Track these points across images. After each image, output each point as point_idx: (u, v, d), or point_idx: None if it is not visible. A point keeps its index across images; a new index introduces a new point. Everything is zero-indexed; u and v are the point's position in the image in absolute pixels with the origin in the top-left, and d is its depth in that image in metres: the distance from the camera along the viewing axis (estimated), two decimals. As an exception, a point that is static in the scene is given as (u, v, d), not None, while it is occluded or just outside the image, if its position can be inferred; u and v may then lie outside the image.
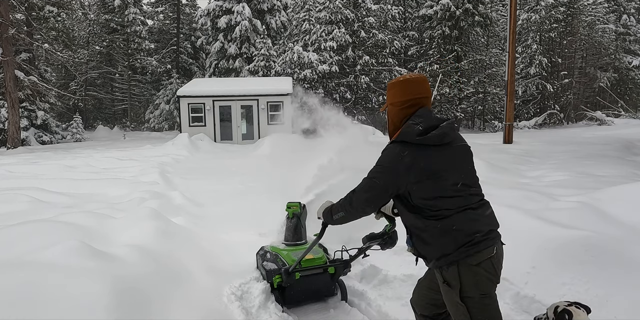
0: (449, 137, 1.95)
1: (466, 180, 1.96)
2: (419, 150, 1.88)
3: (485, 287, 1.89)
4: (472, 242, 1.87)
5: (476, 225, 1.91)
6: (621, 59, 32.20)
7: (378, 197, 1.99)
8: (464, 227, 1.88)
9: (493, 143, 13.79)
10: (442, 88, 24.92)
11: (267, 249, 3.53)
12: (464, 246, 1.86)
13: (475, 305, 1.89)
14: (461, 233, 1.88)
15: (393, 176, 1.91)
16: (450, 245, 1.88)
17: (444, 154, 1.92)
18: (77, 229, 3.36)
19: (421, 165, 1.87)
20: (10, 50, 18.63)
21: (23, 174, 8.76)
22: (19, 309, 2.04)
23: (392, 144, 1.98)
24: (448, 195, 1.89)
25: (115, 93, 35.31)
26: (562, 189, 5.02)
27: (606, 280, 2.71)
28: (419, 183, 1.88)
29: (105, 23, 32.02)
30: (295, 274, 3.18)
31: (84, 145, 19.39)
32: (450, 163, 1.93)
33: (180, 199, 6.53)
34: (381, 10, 26.41)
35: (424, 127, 1.91)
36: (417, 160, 1.87)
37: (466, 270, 1.87)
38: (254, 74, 25.89)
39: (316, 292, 3.41)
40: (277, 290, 3.26)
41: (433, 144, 1.89)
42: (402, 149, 1.90)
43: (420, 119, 1.95)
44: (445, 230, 1.89)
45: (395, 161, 1.90)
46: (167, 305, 2.67)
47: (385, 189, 1.95)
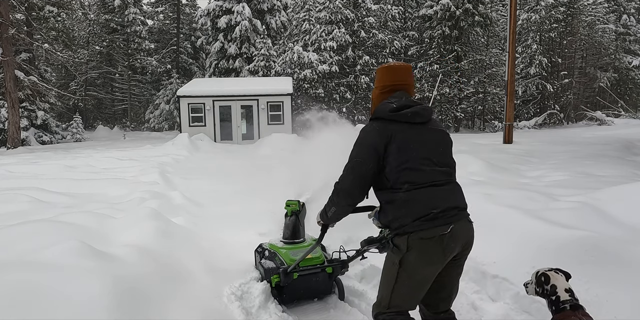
0: (422, 117, 2.08)
1: (435, 159, 2.05)
2: (392, 124, 2.04)
3: (428, 261, 1.97)
4: (428, 217, 1.94)
5: (435, 202, 1.97)
6: (621, 59, 32.20)
7: (362, 175, 2.06)
8: (423, 201, 1.96)
9: (493, 143, 13.79)
10: (442, 88, 24.92)
11: (265, 246, 3.55)
12: (419, 219, 1.95)
13: (405, 275, 1.99)
14: (419, 207, 1.96)
15: (370, 150, 2.02)
16: (408, 217, 1.97)
17: (416, 132, 2.05)
18: (77, 229, 3.36)
19: (393, 138, 2.00)
20: (10, 50, 18.63)
21: (23, 174, 8.76)
22: (19, 309, 2.04)
23: (369, 122, 2.14)
24: (415, 168, 1.99)
25: (115, 93, 35.32)
26: (562, 189, 5.01)
27: (606, 280, 2.71)
28: (391, 154, 2.00)
29: (105, 23, 32.03)
30: (294, 273, 3.19)
31: (84, 145, 19.39)
32: (420, 140, 2.05)
33: (180, 199, 6.53)
34: (381, 10, 26.41)
35: (397, 105, 2.06)
36: (389, 133, 2.01)
37: (415, 242, 1.96)
38: (254, 74, 25.88)
39: (314, 291, 3.44)
40: (275, 288, 3.29)
41: (405, 121, 2.04)
42: (377, 124, 2.07)
43: (395, 99, 2.10)
44: (406, 202, 1.98)
45: (371, 136, 2.05)
46: (167, 305, 2.67)
47: (367, 165, 2.03)
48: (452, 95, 26.11)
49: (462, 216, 2.06)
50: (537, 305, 2.82)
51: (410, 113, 2.04)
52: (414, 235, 1.96)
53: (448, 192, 2.05)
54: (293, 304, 3.40)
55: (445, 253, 1.98)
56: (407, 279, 2.00)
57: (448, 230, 1.95)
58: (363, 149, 2.06)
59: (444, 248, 1.96)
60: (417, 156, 2.01)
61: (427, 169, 2.01)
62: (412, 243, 1.96)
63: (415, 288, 2.03)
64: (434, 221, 1.95)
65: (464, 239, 2.05)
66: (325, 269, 3.31)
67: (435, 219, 1.95)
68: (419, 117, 2.07)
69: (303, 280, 3.25)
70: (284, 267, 3.19)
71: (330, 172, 2.50)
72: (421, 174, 2.00)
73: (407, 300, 2.07)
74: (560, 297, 2.00)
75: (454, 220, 1.99)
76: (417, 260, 1.97)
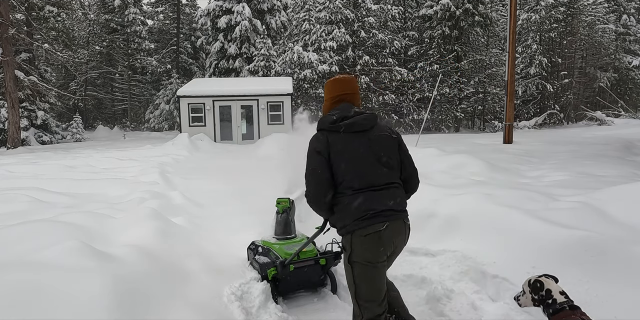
0: (361, 126, 2.27)
1: (374, 164, 2.25)
2: (331, 134, 2.26)
3: (369, 255, 2.19)
4: (365, 217, 2.17)
5: (372, 204, 2.18)
6: (621, 59, 32.20)
7: (320, 182, 2.25)
8: (361, 204, 2.18)
9: (493, 143, 13.79)
10: (442, 88, 24.91)
11: (258, 243, 3.70)
12: (358, 219, 2.18)
13: (358, 269, 2.22)
14: (358, 209, 2.18)
15: (319, 158, 2.24)
16: (348, 218, 2.21)
17: (355, 141, 2.25)
18: (77, 229, 3.36)
19: (333, 147, 2.23)
20: (10, 50, 18.63)
21: (23, 174, 8.76)
22: (19, 309, 2.04)
23: (314, 134, 2.35)
24: (354, 174, 2.21)
25: (115, 93, 35.32)
26: (562, 189, 5.01)
27: (606, 280, 2.71)
28: (334, 162, 2.22)
29: (105, 23, 32.03)
30: (290, 266, 3.33)
31: (84, 145, 19.39)
32: (359, 148, 2.24)
33: (180, 199, 6.53)
34: (381, 10, 26.40)
35: (337, 117, 2.28)
36: (329, 142, 2.24)
37: (356, 239, 2.19)
38: (254, 74, 25.88)
39: (308, 283, 3.58)
40: (271, 282, 3.38)
41: (344, 131, 2.25)
42: (320, 135, 2.30)
43: (337, 111, 2.34)
44: (347, 205, 2.21)
45: (316, 146, 2.27)
46: (167, 305, 2.67)
47: (322, 170, 2.23)
48: (452, 95, 26.11)
49: (397, 217, 2.25)
50: (537, 305, 2.82)
51: (348, 124, 2.25)
52: (355, 234, 2.19)
53: (385, 196, 2.23)
54: (290, 298, 3.50)
55: (384, 246, 2.20)
56: (361, 276, 2.22)
57: (383, 227, 2.17)
58: (313, 158, 2.27)
59: (382, 242, 2.18)
60: (355, 164, 2.22)
61: (366, 175, 2.22)
62: (355, 240, 2.20)
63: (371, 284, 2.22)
64: (371, 219, 2.16)
65: (398, 236, 2.26)
66: (319, 261, 3.45)
67: (372, 218, 2.16)
68: (358, 126, 2.26)
69: (298, 272, 3.39)
70: (281, 260, 3.30)
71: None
72: (361, 179, 2.21)
73: (373, 299, 2.24)
74: (557, 299, 2.08)
75: (390, 219, 2.20)
76: (362, 255, 2.19)
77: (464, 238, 3.83)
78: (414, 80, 26.64)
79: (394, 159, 2.33)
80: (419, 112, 26.32)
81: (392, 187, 2.28)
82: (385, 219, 2.18)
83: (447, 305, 3.08)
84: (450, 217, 4.23)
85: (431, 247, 3.95)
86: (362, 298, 2.24)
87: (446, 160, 7.64)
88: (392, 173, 2.31)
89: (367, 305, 2.24)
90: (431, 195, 4.95)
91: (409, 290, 3.36)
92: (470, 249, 3.63)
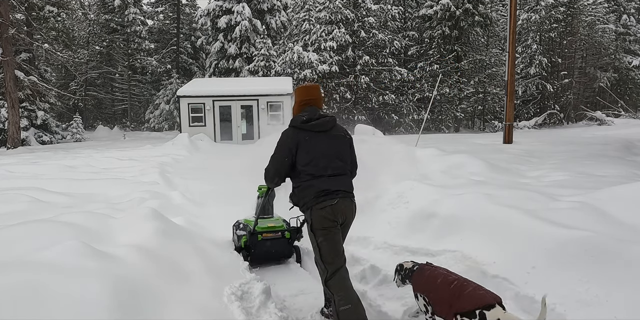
0: (323, 127, 2.92)
1: (330, 158, 2.89)
2: (301, 132, 2.89)
3: (325, 223, 2.82)
4: (321, 195, 2.82)
5: (326, 186, 2.84)
6: (621, 59, 32.19)
7: (279, 167, 2.94)
8: (318, 186, 2.84)
9: (493, 143, 13.78)
10: (442, 88, 24.92)
11: (240, 221, 4.48)
12: (315, 197, 2.83)
13: (319, 235, 2.84)
14: (315, 189, 2.83)
15: (285, 149, 2.89)
16: (308, 197, 2.86)
17: (318, 138, 2.89)
18: (77, 229, 3.36)
19: (300, 142, 2.86)
20: (10, 50, 18.63)
21: (23, 174, 8.75)
22: (19, 309, 2.04)
23: (286, 129, 2.99)
24: (314, 164, 2.85)
25: (115, 93, 35.32)
26: (562, 189, 5.00)
27: (606, 280, 2.71)
28: (298, 154, 2.86)
29: (105, 23, 32.04)
30: (258, 236, 4.06)
31: (84, 145, 19.39)
32: (321, 144, 2.89)
33: (180, 199, 6.53)
34: (381, 10, 26.40)
35: (306, 118, 2.90)
36: (298, 138, 2.87)
37: (314, 212, 2.83)
38: (254, 74, 25.88)
39: (277, 254, 4.28)
40: (244, 250, 4.11)
41: (310, 130, 2.88)
42: (291, 131, 2.93)
43: (306, 113, 2.95)
44: (307, 187, 2.86)
45: (286, 139, 2.92)
46: (167, 305, 2.67)
47: (283, 159, 2.89)
48: (452, 95, 26.12)
49: (345, 196, 2.91)
50: (537, 305, 2.82)
51: (314, 124, 2.89)
52: (314, 208, 2.83)
53: (336, 181, 2.90)
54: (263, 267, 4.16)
55: (335, 216, 2.84)
56: (322, 240, 2.83)
57: (334, 202, 2.83)
58: (281, 148, 2.92)
59: (334, 213, 2.83)
60: (316, 156, 2.86)
61: (322, 165, 2.86)
62: (314, 213, 2.83)
63: (330, 244, 2.83)
64: (325, 197, 2.82)
65: (346, 210, 2.91)
66: (285, 234, 4.16)
67: (325, 195, 2.82)
68: (320, 127, 2.91)
69: (267, 244, 4.11)
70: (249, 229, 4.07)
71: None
72: (319, 168, 2.86)
73: (333, 256, 2.83)
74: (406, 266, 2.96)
75: (339, 197, 2.86)
76: (320, 223, 2.82)
77: (464, 238, 3.83)
78: (414, 80, 26.65)
79: (345, 154, 3.00)
80: (419, 112, 26.32)
81: (343, 175, 2.96)
82: (336, 197, 2.84)
83: (447, 305, 3.08)
84: (450, 217, 4.23)
85: (431, 247, 3.95)
86: (325, 257, 2.82)
87: (446, 160, 7.63)
88: (344, 165, 2.97)
89: (330, 261, 2.81)
90: (431, 195, 4.95)
91: (410, 291, 3.36)
92: (470, 249, 3.63)
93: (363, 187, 6.06)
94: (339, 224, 2.88)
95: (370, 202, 5.42)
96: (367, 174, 6.66)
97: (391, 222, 4.82)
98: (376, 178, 6.31)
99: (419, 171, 6.67)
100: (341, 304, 2.70)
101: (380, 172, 6.53)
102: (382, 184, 5.93)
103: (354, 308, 2.70)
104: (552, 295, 2.81)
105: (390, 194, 5.46)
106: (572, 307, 2.65)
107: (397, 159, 8.26)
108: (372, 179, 6.33)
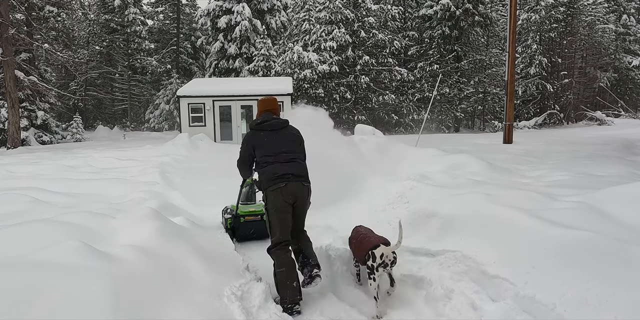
0: (275, 127, 3.68)
1: (282, 149, 3.58)
2: (257, 132, 3.68)
3: (277, 202, 3.46)
4: (273, 179, 3.48)
5: (278, 171, 3.49)
6: (621, 59, 32.17)
7: (245, 160, 3.76)
8: (272, 172, 3.50)
9: (493, 143, 13.78)
10: (442, 88, 24.92)
11: (228, 206, 5.28)
12: (269, 181, 3.49)
13: (272, 212, 3.50)
14: (269, 174, 3.51)
15: (247, 146, 3.69)
16: (264, 181, 3.54)
17: (271, 135, 3.64)
18: (77, 229, 3.36)
19: (257, 139, 3.65)
20: (10, 50, 18.62)
21: (23, 174, 8.75)
22: (19, 309, 2.04)
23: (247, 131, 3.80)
24: (268, 154, 3.57)
25: (115, 93, 35.30)
26: (562, 189, 5.00)
27: (606, 280, 2.71)
28: (256, 148, 3.63)
29: (105, 23, 32.02)
30: (241, 218, 4.89)
31: (84, 145, 19.38)
32: (273, 139, 3.62)
33: (180, 199, 6.54)
34: (381, 10, 26.41)
35: (260, 121, 3.70)
36: (255, 137, 3.67)
37: (268, 193, 3.50)
38: (254, 74, 25.88)
39: (256, 233, 4.98)
40: (229, 230, 4.93)
41: (262, 130, 3.66)
42: (249, 132, 3.75)
43: (261, 117, 3.74)
44: (264, 173, 3.56)
45: (246, 139, 3.73)
46: (167, 305, 2.67)
47: (246, 153, 3.71)
48: (452, 95, 26.12)
49: (295, 179, 3.50)
50: (537, 305, 2.82)
51: (265, 125, 3.66)
52: (267, 190, 3.50)
53: (287, 166, 3.52)
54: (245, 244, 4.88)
55: (284, 198, 3.45)
56: (274, 216, 3.47)
57: (283, 184, 3.45)
58: (245, 146, 3.72)
59: (283, 195, 3.45)
60: (270, 149, 3.58)
61: (275, 155, 3.55)
62: (267, 194, 3.51)
63: (281, 220, 3.46)
64: (276, 180, 3.46)
65: (296, 192, 3.50)
66: (263, 217, 4.45)
67: (276, 179, 3.46)
68: (271, 126, 3.67)
69: (248, 225, 4.93)
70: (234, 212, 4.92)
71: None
72: (272, 157, 3.55)
73: (281, 231, 3.45)
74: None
75: (289, 180, 3.47)
76: (272, 203, 3.48)
77: (464, 238, 3.83)
78: (414, 80, 26.65)
79: (295, 147, 3.68)
80: (419, 112, 26.32)
81: (293, 162, 3.58)
82: (287, 180, 3.46)
83: (447, 305, 3.08)
84: (450, 217, 4.22)
85: (431, 247, 3.95)
86: (274, 231, 3.48)
87: (446, 160, 7.63)
88: (293, 154, 3.63)
89: (277, 235, 3.46)
90: (431, 195, 4.95)
91: (409, 290, 3.36)
92: (470, 249, 3.63)
93: (364, 186, 6.07)
94: (291, 205, 3.48)
95: (370, 201, 5.42)
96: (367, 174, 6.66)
97: (391, 222, 4.82)
98: (376, 178, 6.31)
99: (419, 171, 6.67)
100: (277, 267, 3.40)
101: (380, 172, 6.54)
102: (382, 184, 5.93)
103: (288, 271, 3.36)
104: (552, 295, 2.82)
105: (390, 193, 5.46)
106: (572, 307, 2.65)
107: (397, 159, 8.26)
108: (372, 179, 6.33)
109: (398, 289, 3.39)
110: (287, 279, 3.31)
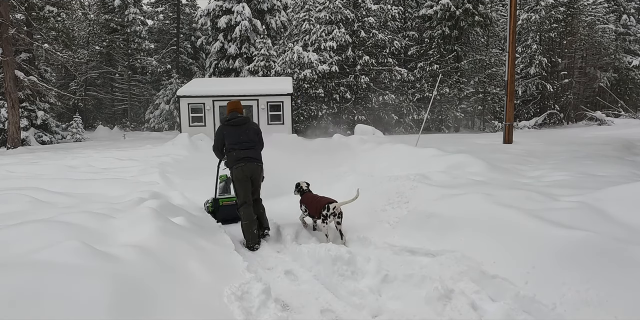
0: (239, 123, 5.03)
1: (244, 139, 4.98)
2: (225, 126, 5.03)
3: (239, 176, 4.90)
4: (236, 160, 4.90)
5: (240, 155, 4.91)
6: (621, 59, 32.16)
7: (217, 147, 5.14)
8: (236, 156, 4.91)
9: (493, 143, 13.78)
10: (442, 88, 24.91)
11: (209, 199, 6.23)
12: (234, 162, 4.91)
13: (236, 183, 4.96)
14: (233, 157, 4.92)
15: (219, 136, 5.05)
16: (230, 162, 4.95)
17: (236, 129, 5.01)
18: (77, 229, 3.36)
19: (225, 132, 5.01)
20: (10, 50, 18.62)
21: (23, 174, 8.75)
22: (19, 309, 2.04)
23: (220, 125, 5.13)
24: (233, 143, 4.96)
25: (115, 93, 35.31)
26: (562, 189, 5.00)
27: (606, 280, 2.71)
28: (225, 138, 4.99)
29: (105, 23, 32.02)
30: (220, 201, 5.87)
31: (84, 145, 19.38)
32: (237, 133, 4.99)
33: (180, 199, 6.53)
34: (381, 10, 26.39)
35: (228, 118, 5.04)
36: (224, 130, 5.02)
37: (233, 170, 4.95)
38: (254, 74, 25.88)
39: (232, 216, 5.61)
40: (211, 213, 5.85)
41: (230, 125, 5.01)
42: (221, 126, 5.08)
43: (229, 115, 5.08)
44: (230, 157, 4.97)
45: (219, 131, 5.08)
46: (167, 305, 2.67)
47: (219, 142, 5.07)
48: (452, 95, 26.10)
49: (251, 161, 4.92)
50: (537, 305, 2.83)
51: (232, 121, 5.00)
52: (232, 168, 4.94)
53: (246, 152, 4.93)
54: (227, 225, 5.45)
55: (244, 174, 4.89)
56: (238, 185, 4.93)
57: (243, 164, 4.87)
58: (216, 136, 5.08)
59: (243, 171, 4.89)
60: (234, 139, 4.96)
61: (238, 143, 4.95)
62: (232, 171, 4.95)
63: (243, 188, 4.91)
64: (238, 161, 4.89)
65: (252, 169, 4.93)
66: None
67: (239, 161, 4.88)
68: (236, 122, 5.01)
69: (226, 208, 5.81)
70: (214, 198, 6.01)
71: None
72: (236, 145, 4.94)
73: (244, 195, 4.91)
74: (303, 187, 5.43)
75: (247, 161, 4.90)
76: (236, 177, 4.92)
77: (464, 238, 3.83)
78: (414, 80, 26.64)
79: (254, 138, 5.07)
80: (419, 112, 26.31)
81: (251, 149, 4.98)
82: (245, 161, 4.88)
83: (447, 305, 3.08)
84: (450, 217, 4.23)
85: (431, 247, 3.95)
86: (239, 195, 4.94)
87: (446, 160, 7.63)
88: (252, 143, 5.02)
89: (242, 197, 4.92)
90: (431, 195, 4.95)
91: (409, 290, 3.36)
92: (470, 249, 3.63)
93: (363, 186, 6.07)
94: (249, 178, 4.91)
95: (369, 201, 5.42)
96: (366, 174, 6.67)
97: (391, 222, 4.83)
98: (376, 178, 6.31)
99: (419, 171, 6.67)
100: (243, 220, 4.82)
101: (379, 172, 6.53)
102: (382, 183, 5.94)
103: (249, 223, 4.79)
104: (552, 295, 2.82)
105: (390, 193, 5.46)
106: (572, 307, 2.65)
107: (397, 159, 8.26)
108: (370, 178, 6.33)
109: (399, 289, 3.39)
110: (249, 228, 4.78)
